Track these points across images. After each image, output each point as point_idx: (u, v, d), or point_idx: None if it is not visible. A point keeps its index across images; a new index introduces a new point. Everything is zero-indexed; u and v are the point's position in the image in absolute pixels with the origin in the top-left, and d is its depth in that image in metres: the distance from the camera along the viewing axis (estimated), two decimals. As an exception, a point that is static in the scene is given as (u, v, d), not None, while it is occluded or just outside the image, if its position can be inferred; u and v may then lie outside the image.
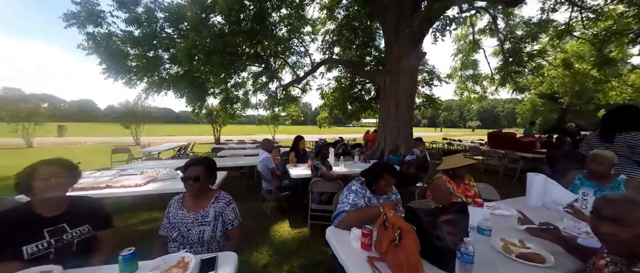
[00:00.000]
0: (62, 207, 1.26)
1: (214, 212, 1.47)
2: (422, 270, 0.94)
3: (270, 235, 2.79)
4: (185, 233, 1.41)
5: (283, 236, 2.75)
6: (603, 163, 2.07)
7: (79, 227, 1.26)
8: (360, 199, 1.61)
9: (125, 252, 1.02)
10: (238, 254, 1.56)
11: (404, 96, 7.09)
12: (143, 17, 6.04)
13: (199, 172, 1.45)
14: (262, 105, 11.49)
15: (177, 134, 22.29)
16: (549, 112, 44.68)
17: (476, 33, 12.01)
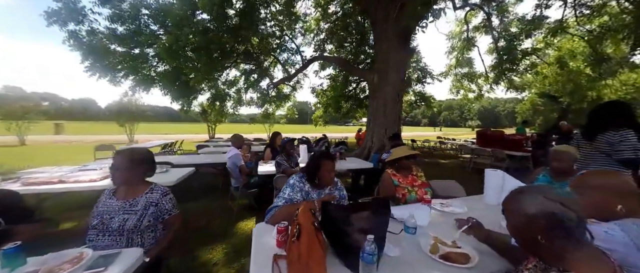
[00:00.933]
0: None
1: (145, 202, 1.44)
2: (315, 268, 0.87)
3: (233, 232, 2.74)
4: (106, 221, 1.35)
5: (245, 233, 2.68)
6: (563, 159, 2.00)
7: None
8: (297, 193, 1.55)
9: (7, 246, 0.96)
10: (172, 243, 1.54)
11: (392, 94, 7.01)
12: (126, 13, 5.98)
13: (122, 161, 1.42)
14: (253, 103, 11.44)
15: (173, 132, 22.28)
16: (549, 111, 44.43)
17: (470, 30, 11.90)
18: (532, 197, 0.76)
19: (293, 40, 10.50)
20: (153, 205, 1.45)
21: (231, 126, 30.81)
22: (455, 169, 6.58)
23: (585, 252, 0.71)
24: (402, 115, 16.87)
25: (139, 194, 1.46)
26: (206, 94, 10.10)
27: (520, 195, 0.79)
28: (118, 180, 1.45)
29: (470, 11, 11.31)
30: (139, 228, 1.39)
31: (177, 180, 2.65)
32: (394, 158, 2.13)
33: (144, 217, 1.41)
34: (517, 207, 0.78)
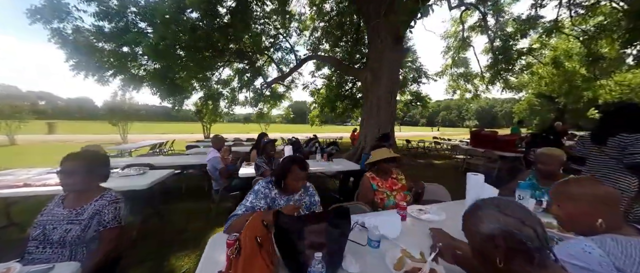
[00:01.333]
0: None
1: (93, 211, 1.31)
2: None
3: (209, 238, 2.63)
4: (48, 232, 1.24)
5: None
6: (549, 162, 1.93)
7: None
8: (260, 200, 1.45)
9: None
10: (118, 261, 1.43)
11: (385, 94, 6.93)
12: (113, 11, 5.84)
13: (72, 166, 1.30)
14: (247, 103, 11.31)
15: (169, 132, 22.07)
16: (546, 111, 44.67)
17: (466, 30, 11.84)
18: (490, 214, 0.66)
19: (287, 39, 10.40)
20: (98, 214, 1.32)
21: (228, 126, 30.61)
22: (449, 170, 6.51)
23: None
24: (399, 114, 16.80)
25: (89, 202, 1.33)
26: (199, 93, 9.98)
27: (478, 211, 0.70)
28: (68, 187, 1.32)
29: (465, 11, 11.26)
30: (83, 240, 1.27)
31: (151, 183, 2.54)
32: (373, 161, 2.04)
33: (89, 227, 1.28)
34: (474, 225, 0.69)
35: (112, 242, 1.32)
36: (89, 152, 1.42)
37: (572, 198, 0.94)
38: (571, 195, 0.94)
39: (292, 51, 10.20)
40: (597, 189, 0.90)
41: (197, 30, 5.77)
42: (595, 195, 0.89)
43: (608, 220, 0.87)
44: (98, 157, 1.43)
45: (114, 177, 2.74)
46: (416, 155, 8.75)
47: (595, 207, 0.88)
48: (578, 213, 0.92)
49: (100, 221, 1.31)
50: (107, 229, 1.32)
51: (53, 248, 1.23)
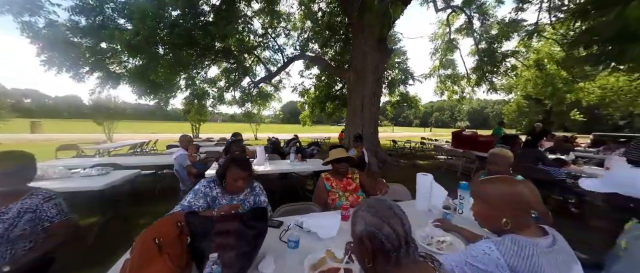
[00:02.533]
0: None
1: (19, 209, 1.29)
2: None
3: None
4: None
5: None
6: (498, 162, 1.95)
7: None
8: (199, 200, 1.42)
9: None
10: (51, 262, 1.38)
11: (369, 94, 6.96)
12: (90, 6, 5.69)
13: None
14: (235, 102, 11.19)
15: (158, 132, 21.68)
16: (534, 113, 45.61)
17: (453, 32, 12.01)
18: (361, 215, 0.66)
19: (275, 39, 10.33)
20: (30, 212, 1.30)
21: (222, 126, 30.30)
22: (430, 170, 6.53)
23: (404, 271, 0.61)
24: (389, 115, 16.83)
25: (13, 201, 1.30)
26: (185, 92, 9.81)
27: (356, 213, 0.69)
28: None
29: (452, 13, 11.43)
30: (7, 238, 1.23)
31: (106, 184, 2.46)
32: (328, 161, 2.03)
33: (15, 225, 1.25)
34: (351, 227, 0.68)
35: (60, 235, 1.36)
36: (10, 155, 1.36)
37: (483, 197, 0.95)
38: (483, 194, 0.95)
39: (280, 50, 10.14)
40: (506, 189, 0.91)
41: (176, 27, 5.66)
42: (503, 195, 0.90)
43: (514, 219, 0.88)
44: (21, 159, 1.37)
45: (74, 177, 2.67)
46: (402, 155, 8.82)
47: (502, 207, 0.89)
48: (487, 212, 0.93)
49: (40, 218, 1.33)
50: (56, 223, 1.35)
51: (-30, 248, 1.19)
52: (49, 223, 1.34)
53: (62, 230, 1.37)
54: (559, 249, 0.81)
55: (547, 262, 0.77)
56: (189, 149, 3.11)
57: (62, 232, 1.37)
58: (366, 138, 7.01)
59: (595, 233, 2.53)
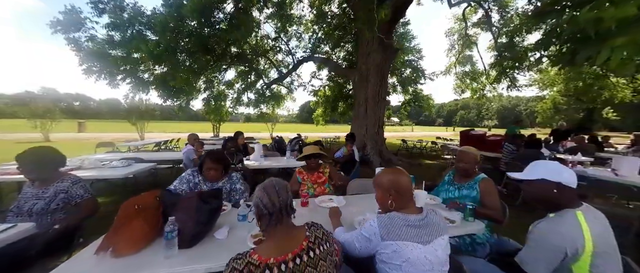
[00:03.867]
0: None
1: (55, 190, 1.72)
2: (126, 240, 1.10)
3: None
4: (21, 205, 1.66)
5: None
6: (465, 159, 2.05)
7: None
8: (183, 184, 1.78)
9: None
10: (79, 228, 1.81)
11: (373, 95, 7.06)
12: (124, 21, 6.50)
13: (23, 163, 1.69)
14: (251, 103, 11.84)
15: (183, 131, 23.38)
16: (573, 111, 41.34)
17: (469, 27, 11.55)
18: (257, 191, 0.92)
19: (287, 43, 10.76)
20: (63, 192, 1.73)
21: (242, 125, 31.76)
22: (434, 169, 6.54)
23: (276, 228, 0.87)
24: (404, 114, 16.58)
25: (50, 184, 1.74)
26: (203, 94, 10.63)
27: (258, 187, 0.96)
28: (25, 175, 1.74)
29: (469, 8, 11.00)
30: (47, 210, 1.68)
31: (125, 174, 2.96)
32: (301, 157, 2.30)
33: (52, 201, 1.69)
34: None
35: (89, 209, 1.78)
36: (37, 151, 1.77)
37: (378, 185, 1.17)
38: (378, 182, 1.17)
39: (291, 54, 10.54)
40: (392, 178, 1.13)
41: (193, 37, 6.27)
42: (390, 182, 1.12)
43: (396, 201, 1.09)
44: (47, 153, 1.79)
45: (102, 168, 3.23)
46: (411, 155, 8.75)
47: (389, 191, 1.11)
48: (380, 196, 1.15)
49: (71, 196, 1.75)
50: (83, 200, 1.76)
51: (23, 217, 1.64)
52: (78, 200, 1.77)
53: (87, 206, 1.79)
54: (426, 224, 1.01)
55: (413, 232, 0.98)
56: (195, 145, 3.56)
57: (87, 208, 1.79)
58: (370, 138, 7.14)
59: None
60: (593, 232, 1.04)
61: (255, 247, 0.89)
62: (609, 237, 1.10)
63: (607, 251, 1.04)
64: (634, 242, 1.84)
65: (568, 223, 1.08)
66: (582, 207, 1.14)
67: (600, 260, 1.02)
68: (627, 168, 3.31)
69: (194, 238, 1.22)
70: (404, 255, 0.94)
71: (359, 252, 1.07)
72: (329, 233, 0.95)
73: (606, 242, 1.06)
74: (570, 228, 1.06)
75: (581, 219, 1.08)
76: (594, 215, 1.13)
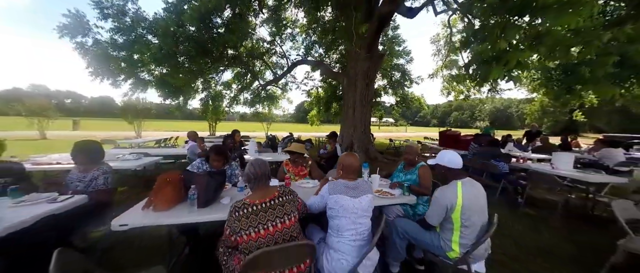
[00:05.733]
0: None
1: (92, 176, 2.23)
2: (161, 201, 1.65)
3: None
4: (69, 184, 2.18)
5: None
6: (409, 152, 2.66)
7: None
8: (194, 169, 2.33)
9: (12, 187, 1.80)
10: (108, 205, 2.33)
11: (360, 98, 7.65)
12: (126, 27, 6.95)
13: (74, 151, 2.21)
14: (247, 103, 12.34)
15: (179, 130, 23.64)
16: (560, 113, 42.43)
17: (454, 34, 12.25)
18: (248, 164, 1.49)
19: (281, 46, 11.30)
20: (95, 179, 2.22)
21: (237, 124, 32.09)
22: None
23: (259, 184, 1.44)
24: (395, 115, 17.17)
25: (90, 171, 2.25)
26: (201, 94, 11.09)
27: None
28: (75, 162, 2.26)
29: (453, 16, 11.70)
30: (85, 191, 2.18)
31: (139, 165, 3.49)
32: (286, 150, 2.86)
33: (89, 185, 2.20)
34: None
35: (100, 198, 2.20)
36: (84, 144, 2.28)
37: (338, 164, 1.74)
38: (339, 163, 1.75)
39: (285, 56, 11.08)
40: (342, 159, 1.72)
41: (192, 41, 6.77)
42: (341, 161, 1.70)
43: (343, 173, 1.68)
44: (91, 146, 2.29)
45: (117, 160, 3.74)
46: (396, 153, 9.38)
47: (340, 166, 1.69)
48: (337, 169, 1.73)
49: (106, 180, 2.23)
50: (99, 190, 2.20)
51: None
52: (98, 188, 2.20)
53: (99, 195, 2.18)
54: (356, 186, 1.59)
55: (347, 191, 1.56)
56: (197, 141, 4.09)
57: (98, 196, 2.18)
58: (358, 137, 7.74)
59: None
60: (464, 194, 1.63)
61: (246, 196, 1.45)
62: (478, 198, 1.69)
63: (472, 207, 1.63)
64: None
65: (450, 189, 1.67)
66: (464, 180, 1.73)
67: (467, 212, 1.61)
68: (563, 163, 3.97)
69: (207, 202, 1.77)
70: (340, 203, 1.51)
71: (318, 205, 1.64)
72: (294, 193, 1.52)
73: (474, 201, 1.65)
74: (450, 192, 1.65)
75: (459, 187, 1.67)
76: (471, 184, 1.72)
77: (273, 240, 1.30)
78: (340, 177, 1.69)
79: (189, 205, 1.69)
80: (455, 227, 1.64)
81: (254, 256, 1.18)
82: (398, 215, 2.30)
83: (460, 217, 1.61)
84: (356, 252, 1.49)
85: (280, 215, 1.36)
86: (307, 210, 1.65)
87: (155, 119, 25.96)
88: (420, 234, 1.82)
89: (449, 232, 1.67)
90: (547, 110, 44.20)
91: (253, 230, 1.28)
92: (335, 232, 1.54)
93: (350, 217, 1.51)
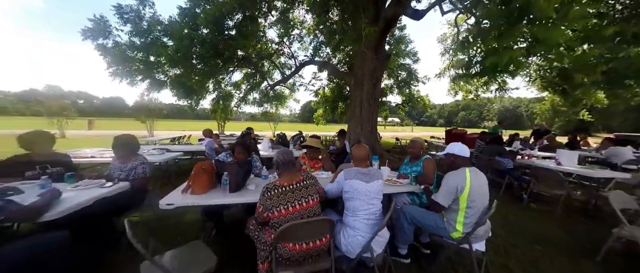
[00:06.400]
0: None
1: (131, 167, 2.51)
2: (193, 185, 1.91)
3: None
4: (112, 172, 2.46)
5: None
6: (413, 146, 2.84)
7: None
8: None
9: (69, 173, 2.09)
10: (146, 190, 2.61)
11: (367, 98, 7.82)
12: (143, 30, 7.32)
13: (115, 144, 2.50)
14: (256, 103, 12.66)
15: (189, 129, 24.23)
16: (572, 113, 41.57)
17: (461, 33, 12.27)
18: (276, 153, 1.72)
19: (289, 47, 11.55)
20: (134, 169, 2.50)
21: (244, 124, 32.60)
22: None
23: (286, 169, 1.67)
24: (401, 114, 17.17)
25: (130, 162, 2.53)
26: (213, 94, 11.46)
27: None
28: (116, 154, 2.56)
29: (460, 15, 11.73)
30: (126, 178, 2.46)
31: (163, 159, 3.79)
32: (303, 145, 3.08)
33: (129, 175, 2.47)
34: None
35: (138, 185, 2.46)
36: (124, 138, 2.57)
37: (351, 155, 1.96)
38: (351, 153, 1.97)
39: (293, 57, 11.33)
40: (354, 150, 1.94)
41: (206, 44, 7.09)
42: (353, 151, 1.93)
43: (355, 161, 1.90)
44: (129, 140, 2.59)
45: (146, 154, 4.05)
46: (402, 152, 9.51)
47: (352, 155, 1.92)
48: (351, 159, 1.95)
49: (137, 172, 2.50)
50: (140, 177, 2.49)
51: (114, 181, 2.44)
52: (137, 176, 2.47)
53: (138, 182, 2.46)
54: (368, 173, 1.81)
55: (361, 176, 1.78)
56: (213, 138, 4.37)
57: (137, 182, 2.45)
58: (364, 135, 7.91)
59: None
60: (471, 181, 1.83)
61: (276, 180, 1.68)
62: (482, 185, 1.88)
63: (478, 191, 1.82)
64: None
65: (460, 175, 1.87)
66: (471, 168, 1.93)
67: (473, 194, 1.81)
68: (566, 160, 4.08)
69: (238, 187, 2.02)
70: (354, 187, 1.73)
71: (335, 190, 1.87)
72: (315, 178, 1.74)
73: (478, 187, 1.84)
74: (460, 177, 1.85)
75: (467, 173, 1.87)
76: (476, 173, 1.91)
77: (299, 217, 1.53)
78: (354, 165, 1.91)
79: (222, 190, 1.94)
80: (461, 207, 1.83)
81: (285, 228, 1.41)
82: (405, 203, 2.50)
83: (467, 198, 1.81)
84: (370, 229, 1.71)
85: (305, 195, 1.58)
86: (325, 195, 1.87)
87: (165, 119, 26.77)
88: (426, 218, 2.03)
89: (454, 213, 1.87)
90: (559, 109, 43.31)
91: (283, 207, 1.52)
92: (351, 212, 1.76)
93: (364, 199, 1.73)
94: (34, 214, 1.48)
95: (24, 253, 1.37)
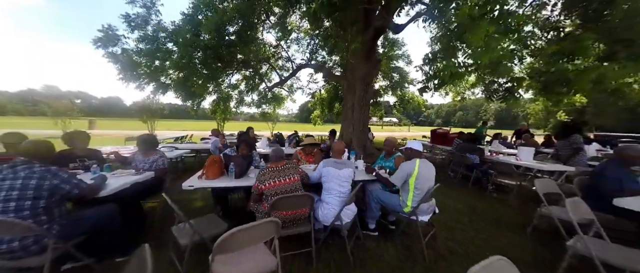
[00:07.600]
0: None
1: (152, 160, 3.07)
2: (207, 172, 2.48)
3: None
4: (135, 166, 3.02)
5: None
6: (388, 144, 3.42)
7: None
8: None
9: (106, 164, 2.65)
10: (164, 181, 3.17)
11: (359, 100, 8.41)
12: (149, 36, 7.86)
13: (139, 140, 3.06)
14: (254, 104, 13.23)
15: (190, 129, 24.72)
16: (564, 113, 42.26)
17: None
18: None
19: (286, 50, 12.13)
20: (155, 162, 3.06)
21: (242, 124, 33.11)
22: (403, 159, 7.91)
23: (274, 160, 2.25)
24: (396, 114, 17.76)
25: (150, 156, 3.09)
26: (213, 96, 12.00)
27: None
28: (139, 149, 3.12)
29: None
30: (151, 169, 3.03)
31: (173, 156, 4.35)
32: (303, 144, 3.66)
33: (152, 166, 3.03)
34: None
35: (160, 174, 3.03)
36: (146, 136, 3.14)
37: (331, 148, 2.55)
38: (331, 147, 2.55)
39: (290, 60, 11.90)
40: (333, 145, 2.52)
41: (208, 49, 7.65)
42: (332, 145, 2.51)
43: (333, 153, 2.48)
44: (150, 137, 3.15)
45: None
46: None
47: (331, 149, 2.49)
48: (331, 154, 2.53)
49: (158, 164, 3.06)
50: (160, 168, 3.03)
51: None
52: (159, 167, 3.03)
53: (160, 172, 3.02)
54: (342, 163, 2.39)
55: (335, 165, 2.36)
56: (219, 137, 4.93)
57: (159, 172, 3.01)
58: (356, 135, 8.51)
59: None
60: (420, 167, 2.41)
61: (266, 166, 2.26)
62: (428, 171, 2.47)
63: (424, 176, 2.41)
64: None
65: (411, 163, 2.45)
66: (421, 159, 2.51)
67: (419, 179, 2.40)
68: (525, 155, 4.69)
69: (241, 174, 2.60)
70: (329, 172, 2.32)
71: (316, 175, 2.45)
72: (296, 165, 2.32)
73: (425, 173, 2.43)
74: (411, 165, 2.44)
75: (417, 162, 2.46)
76: (425, 162, 2.50)
77: (283, 189, 2.12)
78: (332, 156, 2.50)
79: (229, 177, 2.52)
80: (410, 188, 2.42)
81: (277, 199, 1.99)
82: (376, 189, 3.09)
83: (414, 181, 2.40)
84: (340, 204, 2.29)
85: (287, 174, 2.18)
86: (307, 178, 2.46)
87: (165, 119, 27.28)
88: (388, 198, 2.62)
89: (406, 194, 2.46)
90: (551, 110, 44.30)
91: (271, 181, 2.11)
92: (327, 191, 2.35)
93: (336, 181, 2.31)
94: (95, 191, 2.05)
95: (93, 216, 1.96)
